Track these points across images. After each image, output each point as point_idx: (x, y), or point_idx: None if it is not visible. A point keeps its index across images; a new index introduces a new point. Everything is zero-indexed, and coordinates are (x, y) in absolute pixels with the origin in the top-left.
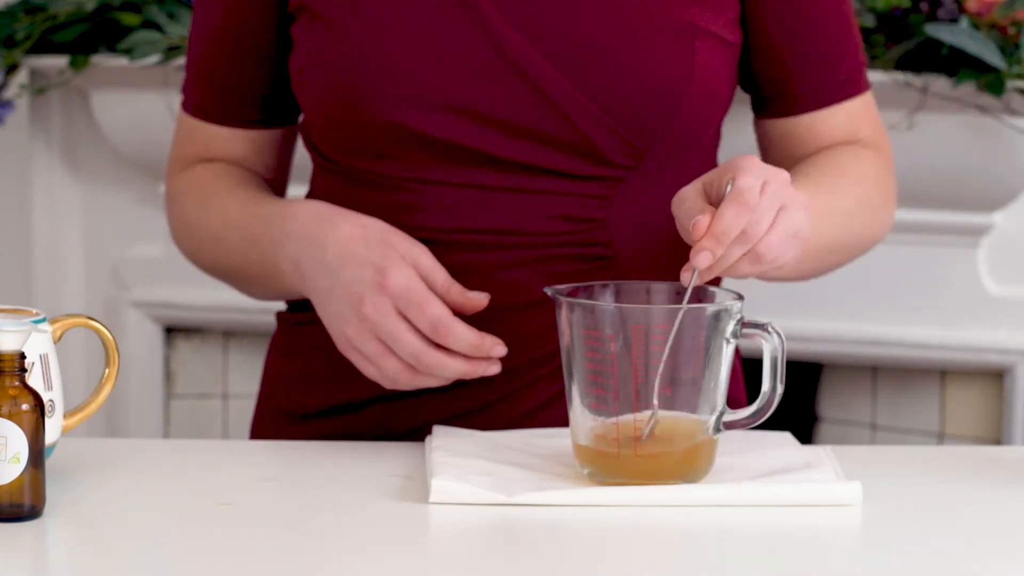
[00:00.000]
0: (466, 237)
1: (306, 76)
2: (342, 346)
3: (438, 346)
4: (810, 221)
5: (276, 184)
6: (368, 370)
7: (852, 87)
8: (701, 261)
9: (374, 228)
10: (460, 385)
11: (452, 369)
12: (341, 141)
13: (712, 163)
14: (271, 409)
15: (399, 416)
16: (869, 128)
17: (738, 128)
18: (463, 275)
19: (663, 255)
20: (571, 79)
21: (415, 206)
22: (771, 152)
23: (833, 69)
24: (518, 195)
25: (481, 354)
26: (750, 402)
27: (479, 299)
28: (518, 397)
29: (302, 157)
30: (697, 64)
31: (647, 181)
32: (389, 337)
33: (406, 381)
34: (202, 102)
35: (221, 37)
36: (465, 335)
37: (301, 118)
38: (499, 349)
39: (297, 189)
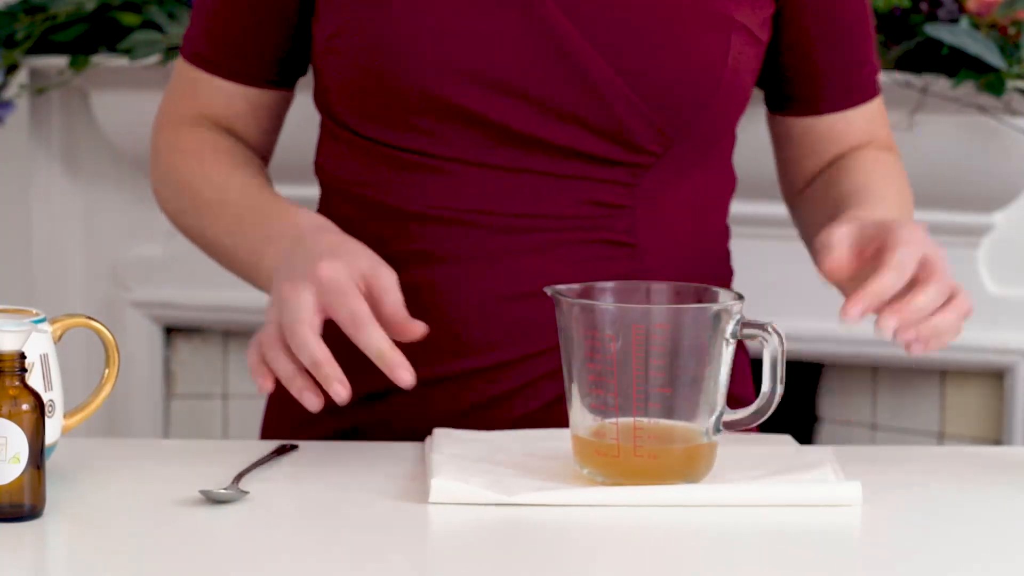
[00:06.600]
0: (494, 220)
1: (339, 41)
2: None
3: (311, 376)
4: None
5: (260, 153)
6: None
7: (872, 90)
8: (852, 313)
9: (355, 242)
10: (476, 376)
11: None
12: (368, 110)
13: (728, 165)
14: (280, 411)
15: (409, 410)
16: (884, 130)
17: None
18: (490, 260)
19: (685, 247)
20: (610, 62)
21: (442, 185)
22: (787, 149)
23: (858, 71)
24: (547, 178)
25: (384, 364)
26: None
27: (417, 327)
28: (540, 387)
29: (294, 154)
30: (731, 56)
31: (672, 172)
32: (289, 326)
33: (292, 384)
34: (212, 55)
35: None
36: (379, 339)
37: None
38: (404, 374)
39: (288, 190)
